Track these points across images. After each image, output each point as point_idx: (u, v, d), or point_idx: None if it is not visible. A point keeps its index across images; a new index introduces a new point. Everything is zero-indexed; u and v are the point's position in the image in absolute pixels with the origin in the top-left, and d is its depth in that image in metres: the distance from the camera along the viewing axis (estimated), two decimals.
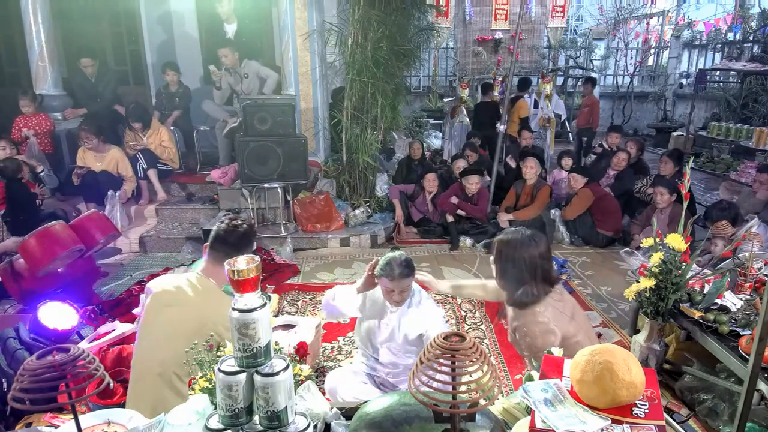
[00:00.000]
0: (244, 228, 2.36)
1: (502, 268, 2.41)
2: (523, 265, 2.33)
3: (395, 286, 2.48)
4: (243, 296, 1.31)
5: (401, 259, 2.48)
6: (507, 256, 2.38)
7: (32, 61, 6.07)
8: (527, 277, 2.34)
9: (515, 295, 2.38)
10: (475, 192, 5.59)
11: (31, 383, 1.24)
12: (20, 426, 2.35)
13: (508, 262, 2.37)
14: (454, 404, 1.26)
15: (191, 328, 2.13)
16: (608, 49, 13.89)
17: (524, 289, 2.34)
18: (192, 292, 2.25)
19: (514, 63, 6.48)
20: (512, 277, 2.37)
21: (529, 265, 2.33)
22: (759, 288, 2.85)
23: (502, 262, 2.41)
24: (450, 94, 11.65)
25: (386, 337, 2.63)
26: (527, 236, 2.38)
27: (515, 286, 2.37)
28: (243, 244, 2.33)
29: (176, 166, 6.29)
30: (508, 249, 2.38)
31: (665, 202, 4.88)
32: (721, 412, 2.63)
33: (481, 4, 12.25)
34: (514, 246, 2.36)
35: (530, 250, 2.34)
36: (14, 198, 4.71)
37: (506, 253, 2.38)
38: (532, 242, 2.36)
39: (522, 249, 2.35)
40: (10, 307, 3.99)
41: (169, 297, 2.26)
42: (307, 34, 5.96)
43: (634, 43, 13.73)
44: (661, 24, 13.56)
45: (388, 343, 2.64)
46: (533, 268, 2.34)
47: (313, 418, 1.63)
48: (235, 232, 2.33)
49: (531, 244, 2.35)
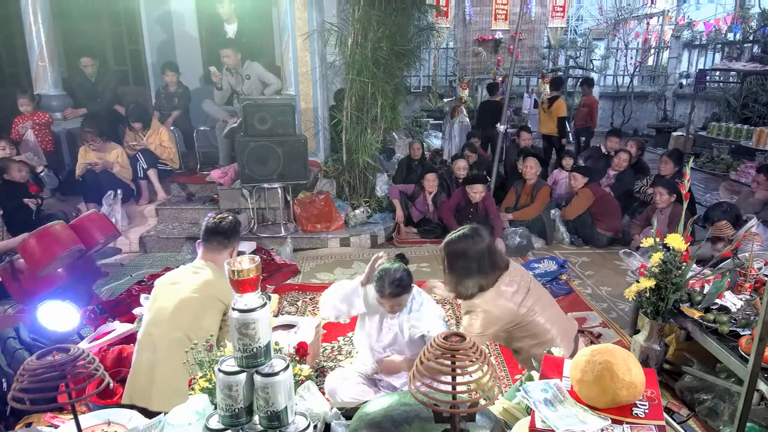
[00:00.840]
0: (230, 220, 2.66)
1: (449, 266, 2.52)
2: (467, 261, 2.44)
3: (386, 301, 2.48)
4: (243, 296, 1.31)
5: (395, 277, 2.42)
6: (450, 254, 2.50)
7: (32, 61, 6.07)
8: (473, 271, 2.45)
9: (459, 290, 2.51)
10: (479, 200, 5.38)
11: (31, 383, 1.24)
12: (20, 426, 2.35)
13: (454, 259, 2.48)
14: (454, 404, 1.26)
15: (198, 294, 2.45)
16: (608, 49, 13.89)
17: (467, 283, 2.47)
18: (194, 271, 2.57)
19: (514, 63, 6.49)
20: (458, 274, 2.49)
21: (474, 260, 2.44)
22: (759, 288, 2.85)
23: (448, 261, 2.52)
24: (450, 94, 11.65)
25: (389, 342, 2.62)
26: (467, 234, 2.48)
27: (460, 282, 2.49)
28: (231, 233, 2.65)
29: (176, 166, 6.29)
30: (450, 248, 2.50)
31: (665, 202, 4.88)
32: (721, 412, 2.63)
33: (481, 4, 12.25)
34: (456, 245, 2.48)
35: (474, 246, 2.45)
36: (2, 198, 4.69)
37: (449, 252, 2.50)
38: (472, 238, 2.47)
39: (464, 247, 2.46)
40: (10, 307, 3.99)
41: (172, 278, 2.59)
42: (307, 34, 5.96)
43: (634, 43, 13.73)
44: (661, 24, 13.56)
45: (391, 347, 2.63)
46: (478, 262, 2.44)
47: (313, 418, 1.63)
48: (223, 223, 2.62)
49: (470, 240, 2.46)
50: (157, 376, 2.38)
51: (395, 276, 2.42)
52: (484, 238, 2.49)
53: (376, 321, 2.66)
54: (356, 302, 2.64)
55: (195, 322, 2.42)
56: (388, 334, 2.62)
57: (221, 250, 2.61)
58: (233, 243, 2.66)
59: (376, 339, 2.65)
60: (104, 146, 5.67)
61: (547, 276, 4.57)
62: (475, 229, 2.52)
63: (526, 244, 5.25)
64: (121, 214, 5.53)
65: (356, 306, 2.65)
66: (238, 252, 2.71)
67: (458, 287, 2.51)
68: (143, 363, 2.44)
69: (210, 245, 2.61)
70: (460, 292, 2.51)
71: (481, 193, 5.36)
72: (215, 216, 2.66)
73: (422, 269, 4.87)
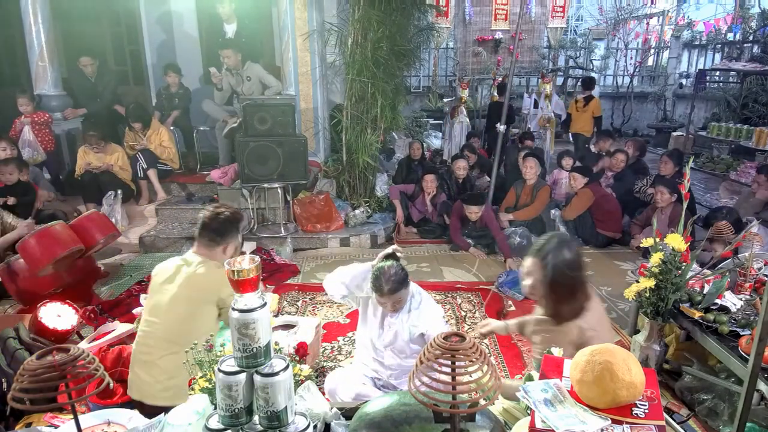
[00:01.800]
0: (227, 215, 2.49)
1: (544, 283, 2.09)
2: (566, 277, 2.06)
3: (386, 300, 2.48)
4: (243, 296, 1.31)
5: (390, 273, 2.43)
6: (550, 269, 2.07)
7: (32, 61, 6.07)
8: (575, 289, 2.08)
9: (561, 310, 2.10)
10: (476, 219, 5.27)
11: (31, 383, 1.24)
12: (20, 426, 2.35)
13: (554, 275, 2.06)
14: (454, 404, 1.26)
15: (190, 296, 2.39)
16: (608, 49, 13.89)
17: (570, 302, 2.08)
18: (186, 267, 2.47)
19: (514, 63, 6.49)
20: (556, 292, 2.09)
21: (572, 276, 2.08)
22: (759, 288, 2.85)
23: (543, 277, 2.09)
24: (450, 94, 11.66)
25: (390, 340, 2.62)
26: (563, 243, 2.11)
27: (559, 300, 2.10)
28: (226, 229, 2.48)
29: (176, 166, 6.29)
30: (558, 262, 2.07)
31: (666, 202, 4.89)
32: (721, 412, 2.63)
33: (481, 4, 12.25)
34: (565, 256, 2.08)
35: (575, 256, 2.10)
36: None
37: (548, 266, 2.08)
38: (567, 249, 2.09)
39: (563, 259, 2.07)
40: (10, 307, 3.99)
41: (165, 275, 2.49)
42: (307, 34, 5.96)
43: (633, 43, 13.73)
44: (661, 24, 13.56)
45: (392, 346, 2.63)
46: (576, 277, 2.09)
47: (313, 418, 1.63)
48: (218, 218, 2.47)
49: (572, 249, 2.10)
50: (155, 372, 2.39)
51: (390, 272, 2.44)
52: (573, 241, 2.14)
53: (378, 318, 2.66)
54: (364, 286, 2.62)
55: (188, 321, 2.40)
56: (388, 332, 2.62)
57: (213, 247, 2.50)
58: (228, 239, 2.52)
59: (377, 337, 2.65)
60: (105, 148, 5.67)
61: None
62: (562, 235, 2.20)
63: (526, 244, 5.24)
64: (121, 214, 5.52)
65: (364, 289, 2.64)
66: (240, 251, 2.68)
67: (562, 307, 2.09)
68: (139, 359, 2.46)
69: (202, 240, 2.51)
70: (562, 313, 2.09)
71: (477, 213, 5.20)
72: (213, 209, 2.53)
73: (422, 269, 4.87)
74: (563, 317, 2.10)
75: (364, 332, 2.75)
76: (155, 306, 2.48)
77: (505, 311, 4.05)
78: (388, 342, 2.62)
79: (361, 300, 2.73)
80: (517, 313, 4.04)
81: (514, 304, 4.17)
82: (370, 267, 2.60)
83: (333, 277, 2.69)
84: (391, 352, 2.63)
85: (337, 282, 2.66)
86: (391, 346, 2.63)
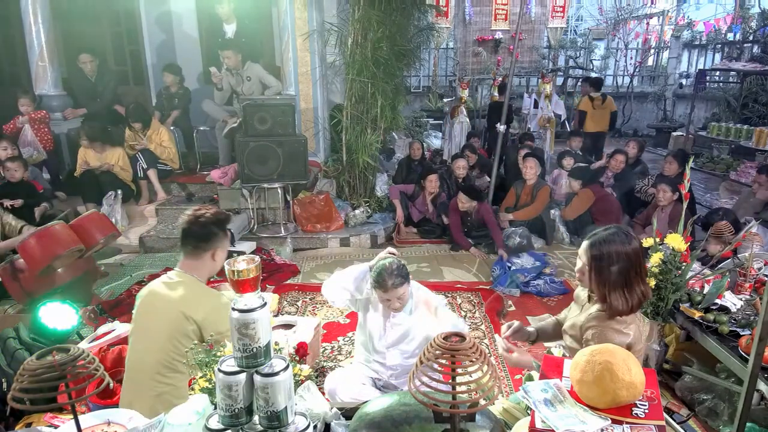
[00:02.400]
0: (208, 216, 2.18)
1: (601, 270, 2.03)
2: (626, 265, 2.00)
3: (391, 296, 2.48)
4: (243, 296, 1.31)
5: (392, 268, 2.45)
6: (611, 257, 2.01)
7: (32, 61, 6.07)
8: (630, 281, 2.00)
9: (613, 301, 2.01)
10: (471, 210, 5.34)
11: (31, 383, 1.24)
12: (20, 426, 2.35)
13: (613, 263, 2.01)
14: (454, 404, 1.26)
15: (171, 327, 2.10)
16: (608, 49, 13.89)
17: (622, 294, 2.00)
18: (169, 290, 2.15)
19: (514, 63, 6.49)
20: (612, 280, 2.01)
21: (633, 266, 2.01)
22: (759, 288, 2.85)
23: (604, 264, 2.02)
24: (450, 94, 11.65)
25: (394, 341, 2.62)
26: (624, 233, 2.05)
27: (613, 290, 2.02)
28: (210, 232, 2.17)
29: (176, 166, 6.29)
30: (609, 249, 2.03)
31: (668, 200, 4.89)
32: (721, 412, 2.63)
33: (481, 4, 12.25)
34: (618, 245, 2.02)
35: (630, 248, 2.02)
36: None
37: (609, 254, 2.02)
38: (630, 240, 2.04)
39: (625, 248, 2.02)
40: (10, 307, 3.99)
41: (150, 300, 2.20)
42: (307, 34, 5.96)
43: (633, 44, 13.74)
44: (661, 24, 13.56)
45: (396, 346, 2.63)
46: (636, 269, 2.02)
47: (313, 418, 1.63)
48: (198, 221, 2.16)
49: (629, 242, 2.04)
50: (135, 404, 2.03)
51: (393, 267, 2.46)
52: (636, 239, 2.09)
53: (379, 320, 2.65)
54: (363, 287, 2.63)
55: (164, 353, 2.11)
56: (391, 332, 2.62)
57: (200, 254, 2.18)
58: (214, 244, 2.20)
59: (379, 338, 2.65)
60: (105, 148, 5.67)
61: (528, 272, 4.55)
62: (624, 229, 2.13)
63: (526, 244, 5.25)
64: (121, 214, 5.52)
65: (363, 291, 2.64)
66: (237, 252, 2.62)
67: (614, 293, 2.01)
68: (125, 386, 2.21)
69: (186, 249, 2.19)
70: (615, 304, 2.00)
71: (465, 204, 5.24)
72: (191, 212, 2.21)
73: (422, 269, 4.87)
74: (615, 309, 2.00)
75: (363, 334, 2.75)
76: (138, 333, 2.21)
77: (505, 311, 4.05)
78: (392, 342, 2.62)
79: (361, 303, 2.73)
80: (517, 312, 4.04)
81: (513, 304, 4.17)
82: (368, 267, 2.60)
83: (333, 284, 2.67)
84: (395, 351, 2.63)
85: (338, 288, 2.64)
86: (396, 346, 2.62)
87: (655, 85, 13.55)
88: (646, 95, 13.18)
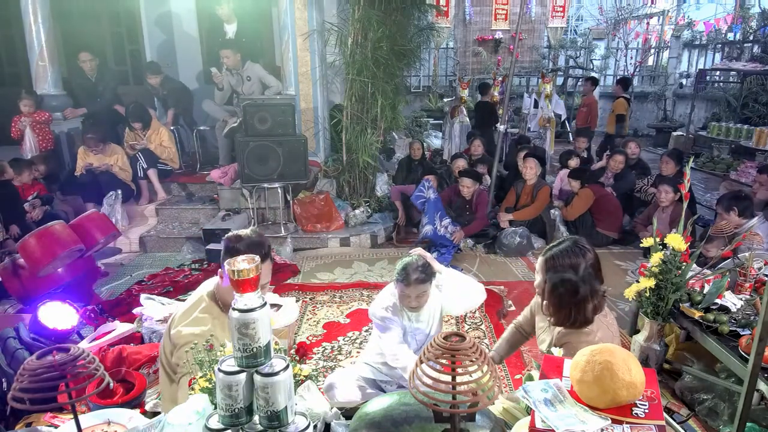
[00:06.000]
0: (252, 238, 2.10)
1: (554, 287, 2.09)
2: (578, 282, 2.05)
3: (411, 291, 2.46)
4: (243, 296, 1.31)
5: (418, 264, 2.45)
6: (559, 273, 2.08)
7: (32, 61, 6.07)
8: (582, 296, 2.06)
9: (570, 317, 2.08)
10: (470, 195, 5.44)
11: (31, 383, 1.24)
12: (20, 426, 2.35)
13: (563, 280, 2.07)
14: (454, 404, 1.26)
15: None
16: (608, 49, 13.88)
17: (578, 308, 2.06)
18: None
19: (514, 63, 6.48)
20: (566, 297, 2.07)
21: (583, 282, 2.06)
22: (759, 288, 2.85)
23: (554, 281, 2.09)
24: (450, 94, 11.65)
25: (419, 345, 2.62)
26: (577, 248, 2.11)
27: (569, 307, 2.08)
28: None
29: (176, 166, 6.29)
30: (560, 264, 2.11)
31: (669, 201, 4.90)
32: (721, 412, 2.63)
33: (481, 4, 12.25)
34: (567, 261, 2.10)
35: (581, 262, 2.08)
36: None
37: (558, 270, 2.09)
38: (581, 253, 2.10)
39: (575, 263, 2.08)
40: (10, 307, 3.99)
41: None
42: (307, 34, 5.96)
43: (634, 43, 13.73)
44: (661, 24, 13.56)
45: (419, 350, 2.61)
46: (587, 283, 2.07)
47: (313, 418, 1.64)
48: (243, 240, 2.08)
49: (580, 256, 2.09)
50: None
51: (418, 264, 2.46)
52: (590, 249, 2.13)
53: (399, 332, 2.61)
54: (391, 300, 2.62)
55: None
56: (414, 339, 2.61)
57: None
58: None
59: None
60: (104, 148, 5.67)
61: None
62: (575, 241, 2.18)
63: (526, 244, 5.25)
64: (121, 214, 5.53)
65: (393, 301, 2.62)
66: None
67: (570, 315, 2.07)
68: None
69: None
70: (561, 318, 2.09)
71: (470, 188, 5.42)
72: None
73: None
74: (562, 322, 2.12)
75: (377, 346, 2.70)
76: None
77: (505, 311, 4.05)
78: (416, 348, 2.61)
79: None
80: (517, 312, 4.03)
81: (513, 304, 4.17)
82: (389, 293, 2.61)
83: (398, 355, 2.51)
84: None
85: (399, 353, 2.51)
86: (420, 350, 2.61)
87: (655, 85, 13.55)
88: (647, 95, 13.18)
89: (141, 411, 2.37)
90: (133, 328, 3.24)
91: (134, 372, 2.64)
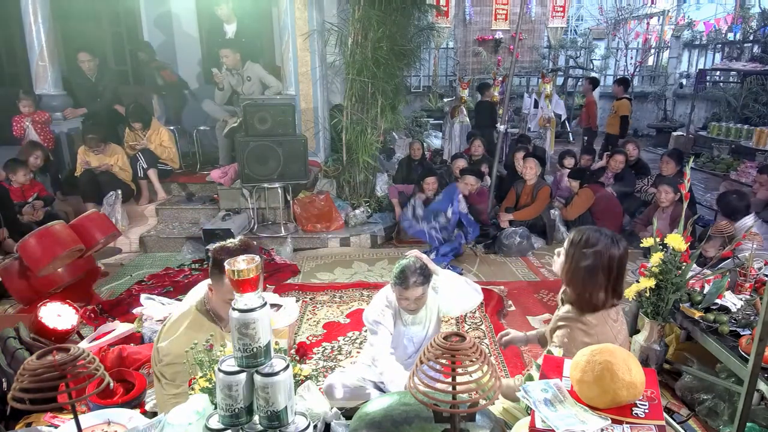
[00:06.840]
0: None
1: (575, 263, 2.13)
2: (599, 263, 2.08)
3: (410, 294, 2.45)
4: (243, 296, 1.31)
5: (415, 267, 2.43)
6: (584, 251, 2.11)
7: (32, 61, 6.06)
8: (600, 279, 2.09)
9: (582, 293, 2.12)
10: (468, 193, 5.50)
11: (31, 383, 1.24)
12: (20, 426, 2.35)
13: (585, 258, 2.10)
14: (454, 404, 1.26)
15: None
16: (608, 49, 13.89)
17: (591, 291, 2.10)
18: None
19: (514, 63, 6.48)
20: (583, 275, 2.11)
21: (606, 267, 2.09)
22: (759, 288, 2.85)
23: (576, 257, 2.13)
24: (450, 94, 11.65)
25: (416, 349, 2.62)
26: (610, 236, 2.14)
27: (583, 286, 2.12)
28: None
29: (176, 166, 6.29)
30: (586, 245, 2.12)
31: (669, 201, 4.90)
32: (721, 412, 2.63)
33: (481, 4, 12.26)
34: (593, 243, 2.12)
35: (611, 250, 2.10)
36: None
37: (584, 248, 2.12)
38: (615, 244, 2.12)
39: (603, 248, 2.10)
40: (10, 307, 3.99)
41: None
42: (307, 34, 5.96)
43: (634, 43, 13.74)
44: (661, 24, 13.56)
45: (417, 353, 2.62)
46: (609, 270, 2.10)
47: (313, 418, 1.64)
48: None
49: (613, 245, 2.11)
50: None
51: (416, 266, 2.44)
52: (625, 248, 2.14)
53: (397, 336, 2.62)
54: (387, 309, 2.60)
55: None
56: (411, 341, 2.61)
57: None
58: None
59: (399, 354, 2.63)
60: (104, 149, 5.67)
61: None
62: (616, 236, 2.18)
63: (526, 244, 5.25)
64: (121, 214, 5.52)
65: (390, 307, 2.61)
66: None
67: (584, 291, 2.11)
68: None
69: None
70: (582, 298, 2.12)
71: (472, 186, 5.48)
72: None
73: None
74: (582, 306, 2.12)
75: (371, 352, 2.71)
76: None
77: (505, 311, 4.05)
78: (413, 351, 2.62)
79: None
80: (517, 312, 4.04)
81: (513, 304, 4.17)
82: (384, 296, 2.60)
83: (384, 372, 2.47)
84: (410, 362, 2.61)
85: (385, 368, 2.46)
86: (417, 353, 2.61)
87: (656, 84, 13.55)
88: (647, 95, 13.18)
89: (141, 411, 2.37)
90: (133, 328, 3.24)
91: (134, 372, 2.64)
